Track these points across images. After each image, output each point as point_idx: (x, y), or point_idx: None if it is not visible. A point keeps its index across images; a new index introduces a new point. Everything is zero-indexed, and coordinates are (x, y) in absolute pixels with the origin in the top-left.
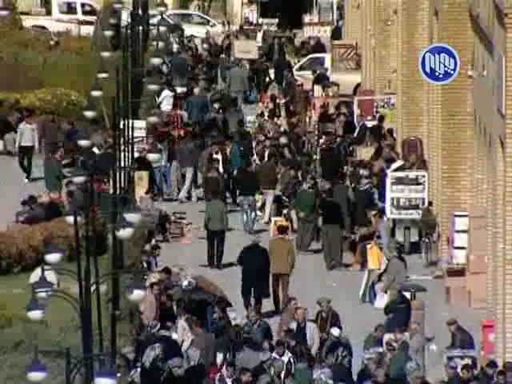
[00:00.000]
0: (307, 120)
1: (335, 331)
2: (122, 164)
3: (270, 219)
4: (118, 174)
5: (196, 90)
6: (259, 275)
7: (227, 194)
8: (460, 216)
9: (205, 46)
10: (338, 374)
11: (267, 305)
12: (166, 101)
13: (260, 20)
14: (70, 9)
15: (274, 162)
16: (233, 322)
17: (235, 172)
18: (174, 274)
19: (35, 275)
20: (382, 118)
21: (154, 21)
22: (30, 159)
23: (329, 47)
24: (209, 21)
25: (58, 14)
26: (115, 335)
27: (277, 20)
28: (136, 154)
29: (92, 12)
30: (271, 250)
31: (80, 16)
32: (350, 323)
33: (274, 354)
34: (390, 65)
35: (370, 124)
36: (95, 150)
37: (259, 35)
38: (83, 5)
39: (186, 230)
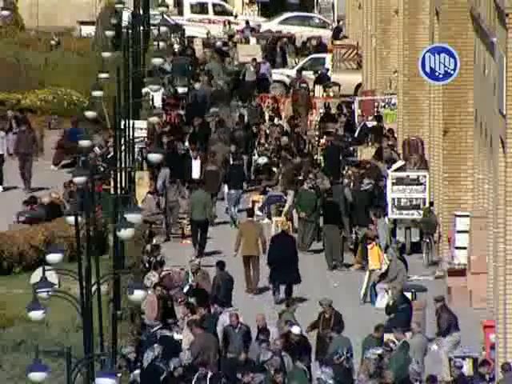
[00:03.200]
0: (308, 120)
1: (295, 329)
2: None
3: (271, 219)
4: (118, 174)
5: (197, 85)
6: (288, 262)
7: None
8: (461, 216)
9: (218, 43)
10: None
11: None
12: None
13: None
14: (202, 9)
15: (275, 162)
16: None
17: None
18: (175, 273)
19: (36, 275)
20: (380, 118)
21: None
22: (0, 168)
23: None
24: (327, 23)
25: (190, 14)
26: (116, 335)
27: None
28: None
29: (223, 12)
30: (241, 232)
31: (211, 16)
32: (351, 323)
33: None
34: (391, 65)
35: (370, 124)
36: (97, 149)
37: (253, 40)
38: (215, 5)
39: (187, 230)
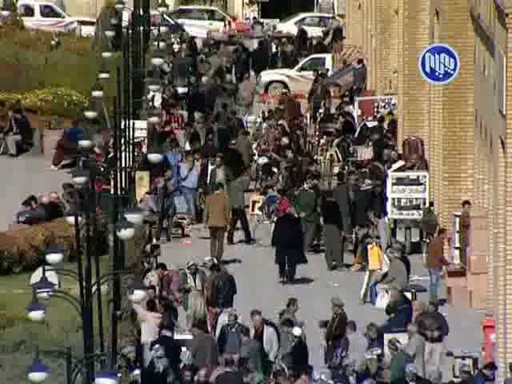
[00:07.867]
0: (308, 120)
1: (296, 331)
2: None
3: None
4: (118, 174)
5: (204, 79)
6: (293, 243)
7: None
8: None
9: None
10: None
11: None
12: (155, 96)
13: (261, 20)
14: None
15: (274, 162)
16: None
17: None
18: (174, 273)
19: (36, 275)
20: (382, 119)
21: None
22: None
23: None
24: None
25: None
26: (116, 335)
27: (278, 20)
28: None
29: None
30: (208, 205)
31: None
32: None
33: None
34: (390, 65)
35: (370, 124)
36: (97, 149)
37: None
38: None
39: (187, 230)
